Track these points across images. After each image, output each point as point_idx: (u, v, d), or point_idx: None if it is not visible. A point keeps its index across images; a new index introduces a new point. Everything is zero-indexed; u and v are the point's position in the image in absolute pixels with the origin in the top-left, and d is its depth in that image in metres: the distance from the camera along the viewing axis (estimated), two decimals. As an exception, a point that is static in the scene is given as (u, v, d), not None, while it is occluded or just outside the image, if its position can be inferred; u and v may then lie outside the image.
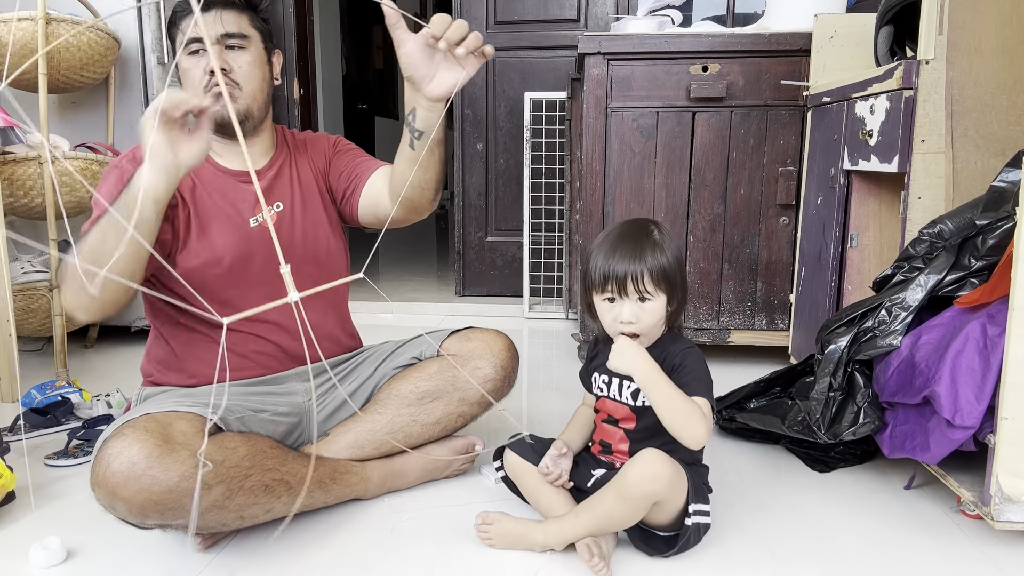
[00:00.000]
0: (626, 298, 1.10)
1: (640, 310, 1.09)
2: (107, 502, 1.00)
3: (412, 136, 1.19)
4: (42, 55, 2.00)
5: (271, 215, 1.30)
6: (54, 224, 2.05)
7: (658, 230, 1.13)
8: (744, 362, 2.18)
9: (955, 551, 1.15)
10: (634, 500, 1.04)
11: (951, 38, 1.36)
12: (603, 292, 1.12)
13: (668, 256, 1.10)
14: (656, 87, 2.07)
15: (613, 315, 1.11)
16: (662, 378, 1.07)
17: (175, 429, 1.04)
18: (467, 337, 1.37)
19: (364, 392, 1.36)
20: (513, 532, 1.13)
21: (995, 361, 1.09)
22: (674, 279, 1.11)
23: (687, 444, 1.07)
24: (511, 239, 3.07)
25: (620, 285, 1.09)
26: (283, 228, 1.30)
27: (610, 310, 1.12)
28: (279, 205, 1.31)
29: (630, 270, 1.08)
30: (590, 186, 2.12)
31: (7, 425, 1.65)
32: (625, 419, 1.17)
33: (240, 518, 1.08)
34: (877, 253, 1.70)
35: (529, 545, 1.13)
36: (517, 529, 1.13)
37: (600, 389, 1.20)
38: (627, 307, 1.10)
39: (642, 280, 1.08)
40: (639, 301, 1.09)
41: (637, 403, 1.14)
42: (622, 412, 1.17)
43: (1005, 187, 1.22)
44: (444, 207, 8.11)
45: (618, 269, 1.09)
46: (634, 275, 1.08)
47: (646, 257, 1.08)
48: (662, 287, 1.10)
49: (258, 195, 0.77)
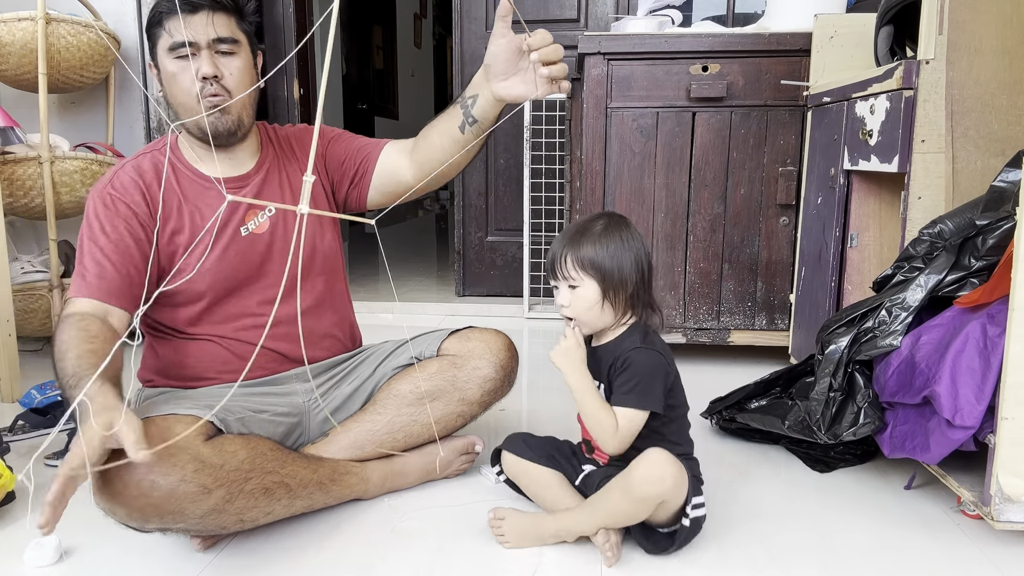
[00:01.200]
0: (561, 282, 1.14)
1: (572, 295, 1.13)
2: (107, 507, 1.00)
3: (466, 120, 1.22)
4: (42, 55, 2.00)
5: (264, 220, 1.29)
6: (54, 224, 2.05)
7: (606, 221, 1.13)
8: (744, 362, 2.18)
9: (955, 551, 1.15)
10: (640, 501, 1.05)
11: (951, 38, 1.36)
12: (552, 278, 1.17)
13: (604, 247, 1.11)
14: (656, 87, 2.06)
15: (556, 301, 1.16)
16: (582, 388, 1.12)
17: (174, 434, 1.04)
18: (466, 337, 1.37)
19: (364, 392, 1.36)
20: (525, 525, 1.15)
21: (995, 361, 1.09)
22: (605, 268, 1.10)
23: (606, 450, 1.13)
24: (511, 239, 3.07)
25: (551, 268, 1.15)
26: (277, 232, 1.29)
27: (557, 294, 1.16)
28: (271, 209, 1.30)
29: (556, 253, 1.14)
30: (590, 186, 2.12)
31: (7, 425, 1.65)
32: None
33: (240, 521, 1.08)
34: (877, 253, 1.70)
35: (541, 536, 1.15)
36: (528, 521, 1.15)
37: None
38: (562, 291, 1.14)
39: (564, 264, 1.12)
40: (569, 288, 1.13)
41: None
42: None
43: (1005, 187, 1.22)
44: (444, 207, 8.12)
45: (552, 255, 1.15)
46: (561, 259, 1.13)
47: (577, 244, 1.12)
48: (589, 273, 1.11)
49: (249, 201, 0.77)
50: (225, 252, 1.25)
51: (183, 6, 1.16)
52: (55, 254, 2.07)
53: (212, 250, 1.24)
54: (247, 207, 1.27)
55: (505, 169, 3.05)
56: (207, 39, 1.18)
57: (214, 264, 1.24)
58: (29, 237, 2.39)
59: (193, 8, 1.17)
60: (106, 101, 2.35)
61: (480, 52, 2.96)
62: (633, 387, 1.09)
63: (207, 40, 1.18)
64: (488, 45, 1.14)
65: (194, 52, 1.18)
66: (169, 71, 1.19)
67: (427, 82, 7.91)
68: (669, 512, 1.08)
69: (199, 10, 1.17)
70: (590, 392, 1.12)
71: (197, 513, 1.01)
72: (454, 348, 1.35)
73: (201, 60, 1.18)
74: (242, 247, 1.26)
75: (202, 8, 1.18)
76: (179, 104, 1.22)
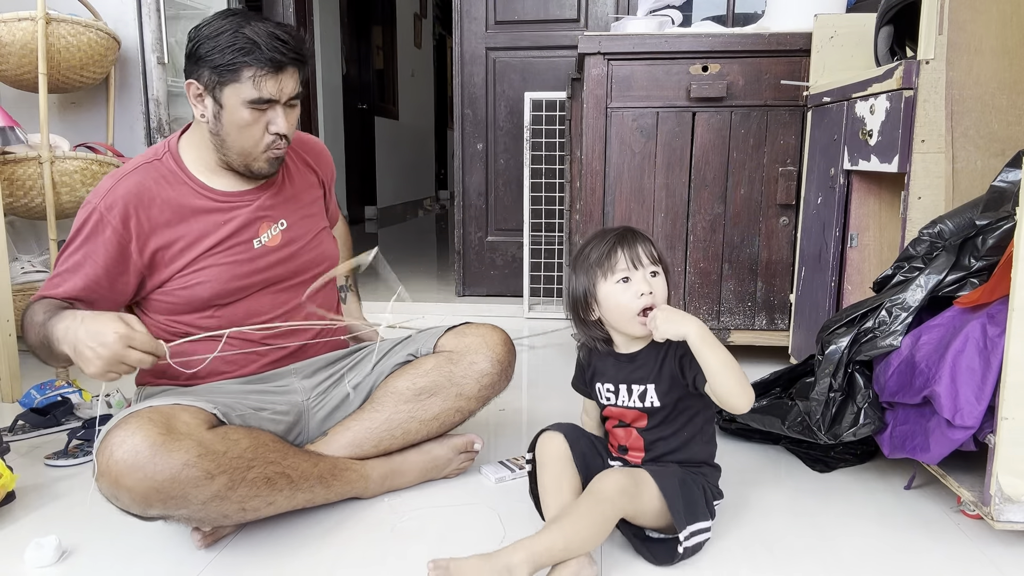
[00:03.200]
0: (640, 270, 1.13)
1: (655, 281, 1.13)
2: (110, 491, 1.00)
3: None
4: (42, 55, 2.00)
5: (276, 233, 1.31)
6: (54, 224, 2.05)
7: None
8: (744, 362, 2.16)
9: (955, 551, 1.15)
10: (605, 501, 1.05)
11: (951, 38, 1.36)
12: (615, 274, 1.13)
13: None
14: (656, 87, 2.07)
15: (632, 291, 1.12)
16: (712, 338, 1.07)
17: (178, 420, 1.05)
18: (463, 333, 1.37)
19: (362, 390, 1.36)
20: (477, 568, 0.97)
21: (995, 361, 1.09)
22: (665, 264, 1.17)
23: (737, 408, 1.07)
24: (511, 239, 3.07)
25: (635, 258, 1.12)
26: (289, 245, 1.32)
27: (626, 289, 1.12)
28: (283, 223, 1.32)
29: (640, 244, 1.13)
30: (590, 186, 2.12)
31: (7, 425, 1.65)
32: (636, 420, 1.17)
33: (242, 510, 1.09)
34: (877, 253, 1.70)
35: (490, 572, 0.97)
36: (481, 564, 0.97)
37: (607, 399, 1.20)
38: (641, 279, 1.12)
39: (652, 252, 1.14)
40: (651, 275, 1.13)
41: (646, 404, 1.15)
42: (632, 415, 1.18)
43: (1005, 187, 1.22)
44: (444, 207, 8.12)
45: (628, 247, 1.13)
46: (644, 248, 1.13)
47: (643, 239, 1.15)
48: (662, 265, 1.15)
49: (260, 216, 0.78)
50: (236, 263, 1.26)
51: (272, 64, 1.16)
52: (55, 254, 2.07)
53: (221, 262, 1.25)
54: (260, 220, 1.28)
55: (505, 169, 3.05)
56: (286, 97, 1.20)
57: (221, 274, 1.24)
58: (29, 237, 2.39)
59: (282, 66, 1.17)
60: (106, 101, 2.35)
61: (480, 52, 2.97)
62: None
63: (286, 98, 1.20)
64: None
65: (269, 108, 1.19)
66: (243, 119, 1.19)
67: (427, 82, 7.91)
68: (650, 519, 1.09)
69: (286, 68, 1.18)
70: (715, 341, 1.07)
71: (200, 499, 1.02)
72: (450, 344, 1.35)
73: (278, 116, 1.20)
74: (253, 257, 1.27)
75: (289, 66, 1.18)
76: (238, 146, 1.22)
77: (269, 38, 1.15)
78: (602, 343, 1.19)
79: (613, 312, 1.14)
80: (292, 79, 1.20)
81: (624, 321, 1.14)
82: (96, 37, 2.15)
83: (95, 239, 1.20)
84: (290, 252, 1.32)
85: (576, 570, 1.00)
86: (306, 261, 1.34)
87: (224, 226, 1.26)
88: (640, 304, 1.11)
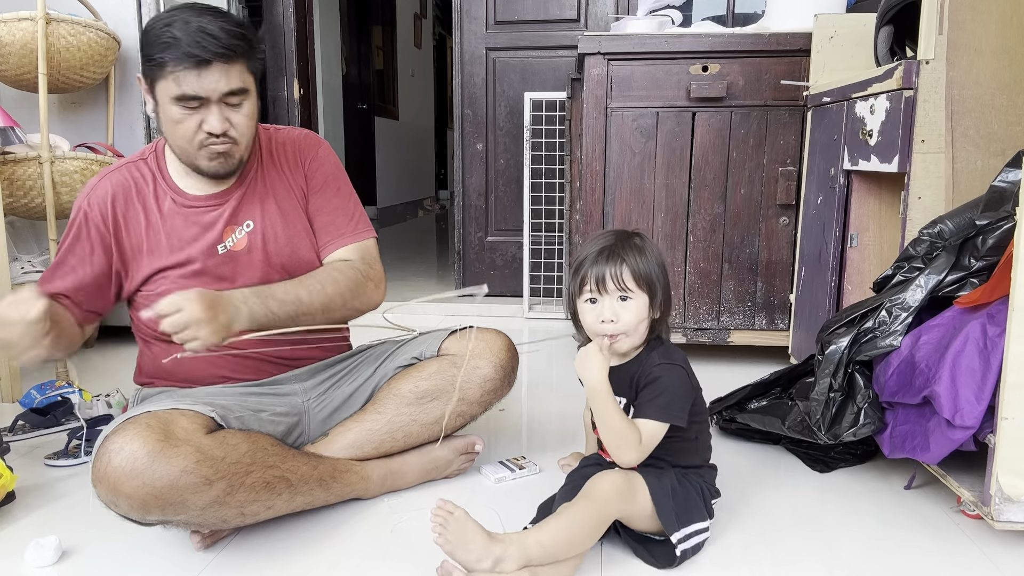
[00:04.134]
0: (606, 295, 1.11)
1: (621, 308, 1.11)
2: (109, 498, 1.00)
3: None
4: (42, 55, 2.00)
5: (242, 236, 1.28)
6: (54, 224, 2.05)
7: (639, 238, 1.15)
8: (744, 362, 2.18)
9: (955, 551, 1.15)
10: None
11: (951, 38, 1.36)
12: (584, 293, 1.13)
13: (649, 260, 1.12)
14: (656, 87, 2.06)
15: (595, 314, 1.12)
16: (607, 399, 1.08)
17: (176, 425, 1.05)
18: (467, 337, 1.37)
19: (364, 392, 1.36)
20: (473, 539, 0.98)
21: (995, 361, 1.08)
22: (655, 282, 1.12)
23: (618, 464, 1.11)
24: (511, 239, 3.07)
25: (600, 282, 1.10)
26: (256, 246, 1.28)
27: (592, 310, 1.13)
28: (249, 224, 1.28)
29: (609, 266, 1.10)
30: (590, 186, 2.12)
31: (7, 425, 1.65)
32: None
33: (241, 515, 1.08)
34: (877, 253, 1.70)
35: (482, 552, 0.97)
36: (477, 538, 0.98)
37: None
38: (607, 304, 1.11)
39: (621, 277, 1.10)
40: (620, 300, 1.11)
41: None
42: None
43: (1005, 187, 1.22)
44: (444, 207, 8.12)
45: (598, 267, 1.11)
46: (613, 271, 1.10)
47: (626, 256, 1.11)
48: (642, 287, 1.11)
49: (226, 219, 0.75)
50: (201, 269, 1.25)
51: (191, 60, 1.09)
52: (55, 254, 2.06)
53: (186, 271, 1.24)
54: (225, 224, 1.26)
55: (505, 169, 3.05)
56: (218, 94, 1.13)
57: (188, 280, 1.23)
58: (29, 237, 2.39)
59: (205, 62, 1.09)
60: (106, 101, 2.35)
61: (480, 52, 2.97)
62: (657, 399, 1.10)
63: (218, 95, 1.13)
64: None
65: (202, 105, 1.13)
66: (174, 115, 1.14)
67: (427, 82, 7.91)
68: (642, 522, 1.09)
69: (211, 63, 1.10)
70: (612, 403, 1.09)
71: (198, 505, 1.02)
72: (454, 348, 1.35)
73: (211, 114, 1.13)
74: (218, 263, 1.26)
75: (215, 61, 1.10)
76: (176, 143, 1.20)
77: (196, 33, 1.08)
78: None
79: (583, 324, 1.16)
80: (222, 75, 1.11)
81: (592, 336, 1.15)
82: (96, 37, 2.15)
83: (81, 238, 1.25)
84: (258, 256, 1.27)
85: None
86: (278, 264, 1.29)
87: (188, 230, 1.25)
88: (600, 329, 1.11)
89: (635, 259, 1.11)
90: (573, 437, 1.59)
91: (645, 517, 1.09)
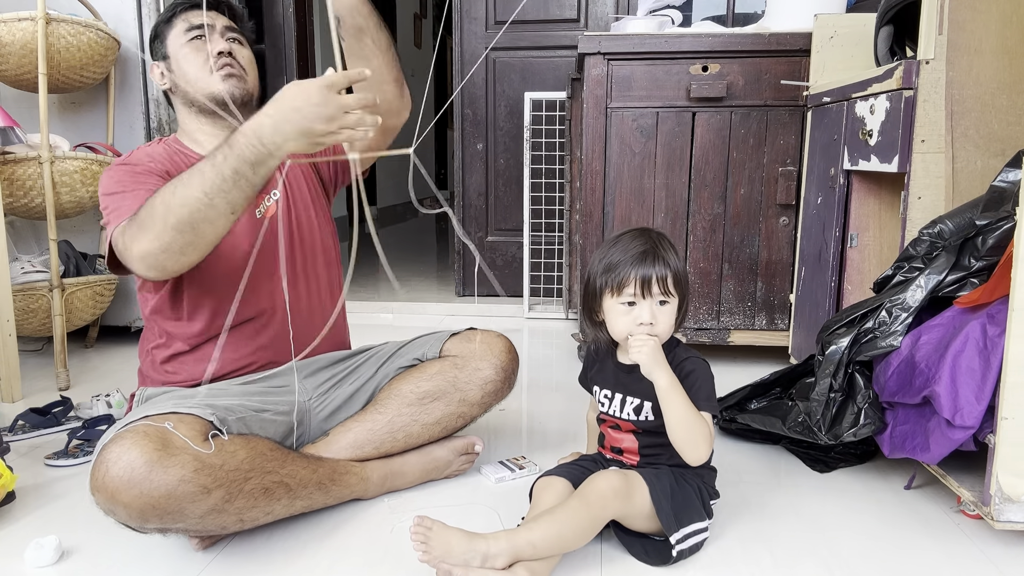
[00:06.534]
0: (649, 298, 1.10)
1: (659, 311, 1.11)
2: (107, 507, 1.00)
3: (338, 30, 1.20)
4: (42, 55, 2.00)
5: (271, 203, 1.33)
6: (54, 224, 2.05)
7: (667, 238, 1.15)
8: (744, 362, 2.18)
9: (955, 551, 1.15)
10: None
11: (951, 38, 1.36)
12: (621, 296, 1.11)
13: (682, 262, 1.14)
14: (656, 87, 2.06)
15: (631, 317, 1.11)
16: (680, 391, 1.07)
17: (174, 433, 1.04)
18: (468, 338, 1.37)
19: (365, 392, 1.36)
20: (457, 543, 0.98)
21: (995, 361, 1.09)
22: (686, 284, 1.14)
23: (689, 462, 1.10)
24: (511, 239, 3.07)
25: (645, 285, 1.09)
26: (283, 217, 1.33)
27: (627, 313, 1.11)
28: (275, 194, 1.34)
29: (656, 269, 1.09)
30: (590, 186, 2.12)
31: (7, 425, 1.65)
32: (630, 428, 1.18)
33: (240, 521, 1.08)
34: (877, 253, 1.70)
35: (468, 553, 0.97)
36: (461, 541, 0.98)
37: (602, 404, 1.20)
38: (646, 308, 1.10)
39: (667, 282, 1.10)
40: (659, 303, 1.11)
41: (640, 417, 1.15)
42: (626, 425, 1.18)
43: (1005, 187, 1.22)
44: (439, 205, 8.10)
45: (643, 269, 1.09)
46: (660, 276, 1.09)
47: (668, 260, 1.11)
48: (679, 290, 1.12)
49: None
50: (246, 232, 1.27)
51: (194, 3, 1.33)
52: (55, 254, 2.06)
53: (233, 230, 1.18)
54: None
55: (505, 169, 3.05)
56: (220, 25, 1.35)
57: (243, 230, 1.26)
58: (29, 237, 2.39)
59: (207, 6, 1.34)
60: (106, 101, 2.35)
61: (480, 52, 2.97)
62: (707, 394, 1.10)
63: (221, 25, 1.35)
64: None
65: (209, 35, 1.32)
66: (187, 54, 1.31)
67: (427, 82, 7.91)
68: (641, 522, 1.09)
69: (211, 9, 1.35)
70: (684, 396, 1.07)
71: (197, 513, 1.01)
72: (456, 349, 1.36)
73: (216, 39, 1.33)
74: (258, 228, 1.29)
75: (212, 9, 1.35)
76: (192, 81, 1.31)
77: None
78: (605, 344, 1.20)
79: (611, 326, 1.15)
80: (220, 17, 1.35)
81: (619, 340, 1.15)
82: (96, 37, 2.15)
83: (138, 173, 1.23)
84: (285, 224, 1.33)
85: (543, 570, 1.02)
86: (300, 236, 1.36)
87: None
88: (638, 332, 1.10)
89: (675, 262, 1.11)
90: (573, 437, 1.59)
91: (644, 517, 1.09)
